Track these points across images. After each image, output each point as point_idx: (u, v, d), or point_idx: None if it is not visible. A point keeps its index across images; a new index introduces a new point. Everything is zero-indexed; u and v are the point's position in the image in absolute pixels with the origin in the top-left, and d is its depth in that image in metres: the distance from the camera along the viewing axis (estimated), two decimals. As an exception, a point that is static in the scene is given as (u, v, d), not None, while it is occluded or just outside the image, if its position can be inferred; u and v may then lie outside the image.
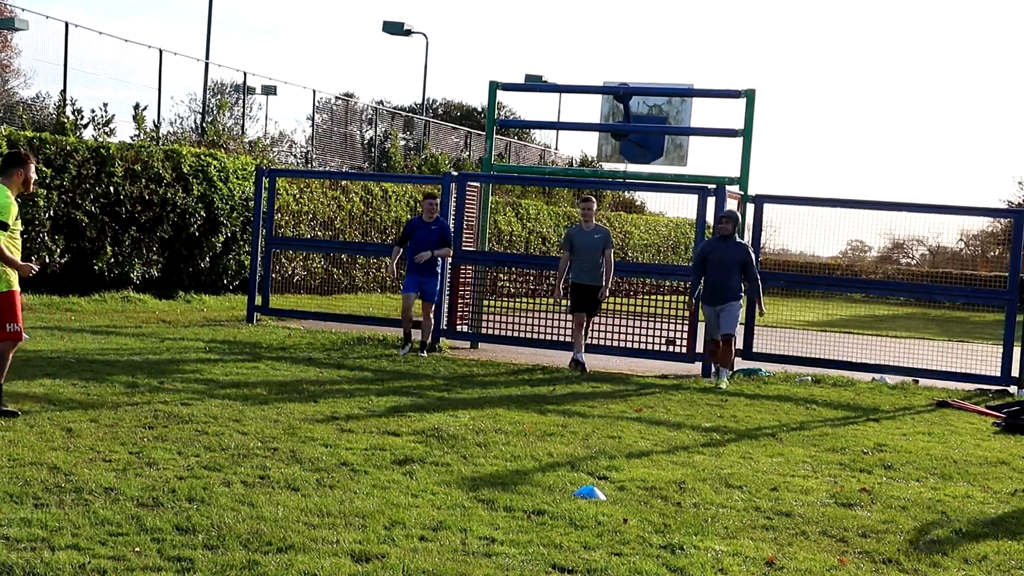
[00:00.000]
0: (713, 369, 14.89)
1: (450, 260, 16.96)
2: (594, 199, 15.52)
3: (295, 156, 38.64)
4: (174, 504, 6.52)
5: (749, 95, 16.88)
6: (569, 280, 15.28)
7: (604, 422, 10.71)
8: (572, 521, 6.80)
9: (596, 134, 18.99)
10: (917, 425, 11.81)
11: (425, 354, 15.58)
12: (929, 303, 30.74)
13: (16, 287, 9.09)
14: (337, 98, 41.73)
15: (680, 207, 49.86)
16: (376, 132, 39.68)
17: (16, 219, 9.03)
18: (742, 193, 16.78)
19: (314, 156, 35.93)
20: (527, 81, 49.53)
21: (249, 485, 7.13)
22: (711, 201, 15.96)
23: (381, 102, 55.66)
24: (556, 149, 52.18)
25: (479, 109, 63.09)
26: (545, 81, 51.29)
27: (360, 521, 6.46)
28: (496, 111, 18.45)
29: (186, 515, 6.30)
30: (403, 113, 43.65)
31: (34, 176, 9.26)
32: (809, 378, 15.41)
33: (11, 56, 53.86)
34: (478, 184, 17.83)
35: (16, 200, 9.10)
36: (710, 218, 15.89)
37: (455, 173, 17.54)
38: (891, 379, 15.80)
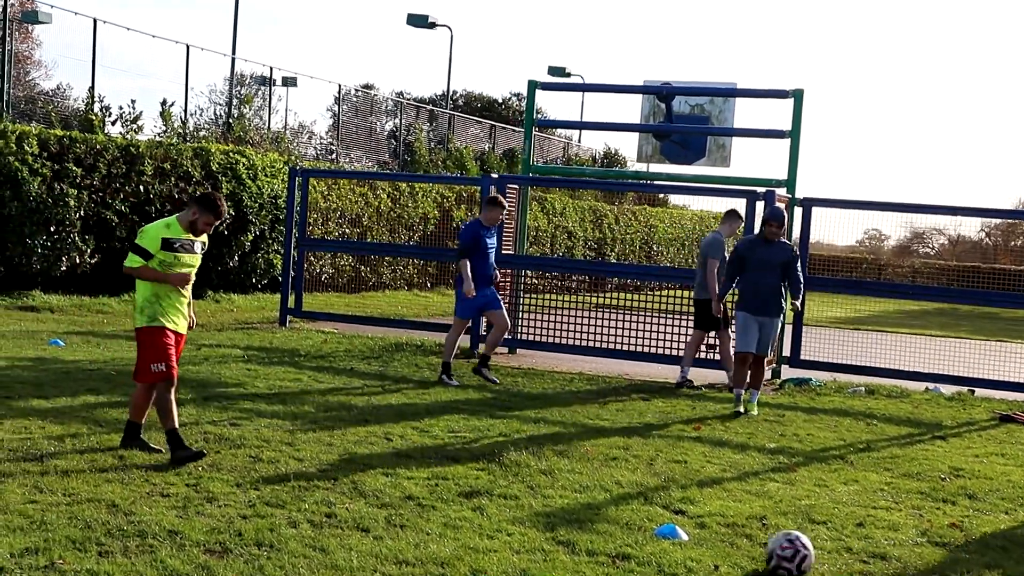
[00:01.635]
0: (735, 388, 12.72)
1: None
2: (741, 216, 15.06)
3: (315, 148, 38.30)
4: (243, 550, 6.15)
5: (797, 95, 16.44)
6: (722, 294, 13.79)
7: (665, 443, 10.32)
8: (661, 568, 6.42)
9: (633, 133, 18.57)
10: (987, 444, 11.39)
11: (485, 371, 13.84)
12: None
13: (165, 323, 8.36)
14: (357, 90, 41.39)
15: (707, 201, 49.37)
16: (400, 124, 39.24)
17: (174, 251, 8.36)
18: (790, 196, 16.36)
19: (335, 149, 35.59)
20: (550, 74, 49.14)
21: (316, 525, 6.76)
22: (759, 205, 15.54)
23: (401, 94, 55.23)
24: (579, 143, 51.75)
25: (500, 101, 62.69)
26: (568, 74, 50.85)
27: (440, 570, 6.09)
28: (522, 107, 18.01)
29: (257, 564, 5.94)
30: (426, 106, 43.24)
31: (208, 228, 8.51)
32: (862, 389, 14.99)
33: (32, 48, 53.71)
34: (517, 186, 17.43)
35: (185, 236, 8.39)
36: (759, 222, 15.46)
37: (495, 175, 17.13)
38: (945, 388, 15.39)
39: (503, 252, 16.74)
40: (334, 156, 35.16)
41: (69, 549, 5.96)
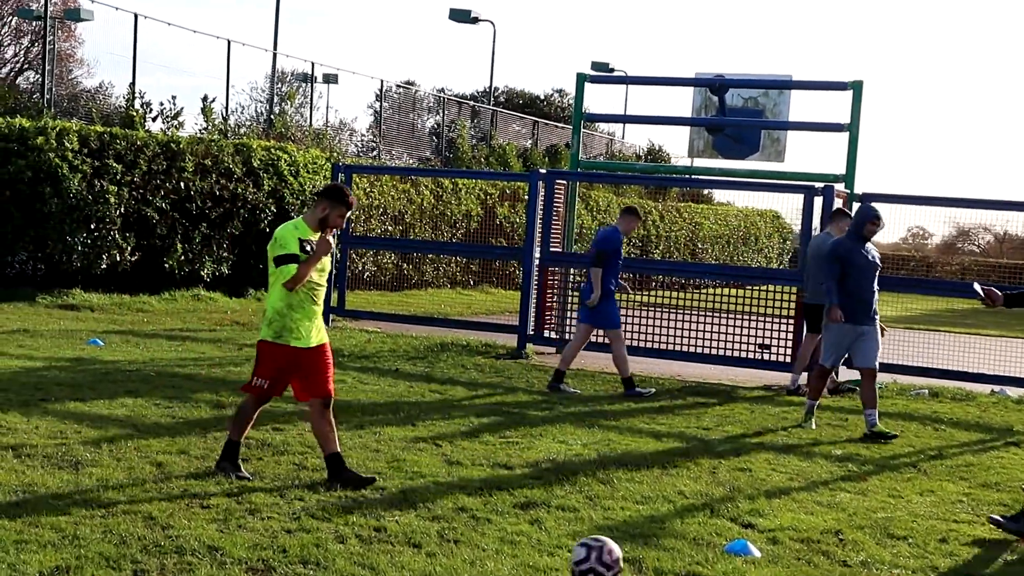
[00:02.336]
0: (810, 401, 11.68)
1: (537, 261, 16.15)
2: (849, 214, 13.38)
3: (357, 146, 38.00)
4: (287, 569, 5.74)
5: (856, 87, 15.89)
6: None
7: (726, 449, 9.84)
8: (736, 589, 5.96)
9: (687, 130, 18.05)
10: (1064, 452, 10.83)
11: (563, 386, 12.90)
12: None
13: (290, 342, 7.58)
14: (399, 86, 41.05)
15: (755, 198, 48.50)
16: (442, 120, 38.87)
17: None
18: (848, 192, 15.81)
19: (376, 145, 35.27)
20: (593, 71, 48.57)
21: (365, 540, 6.33)
22: (818, 201, 15.00)
23: (443, 90, 54.88)
24: (622, 139, 51.20)
25: (543, 97, 62.17)
26: (611, 70, 50.25)
27: (499, 591, 5.66)
28: (563, 101, 17.55)
29: (303, 584, 5.53)
30: (469, 102, 42.86)
31: (340, 222, 7.74)
32: (925, 391, 14.43)
33: (74, 46, 53.79)
34: (565, 182, 16.97)
35: (313, 237, 7.60)
36: (816, 219, 14.94)
37: (543, 171, 16.69)
38: (1012, 391, 14.80)
39: (551, 250, 16.31)
40: (375, 153, 34.83)
41: (102, 567, 5.57)
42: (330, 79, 39.26)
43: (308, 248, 7.55)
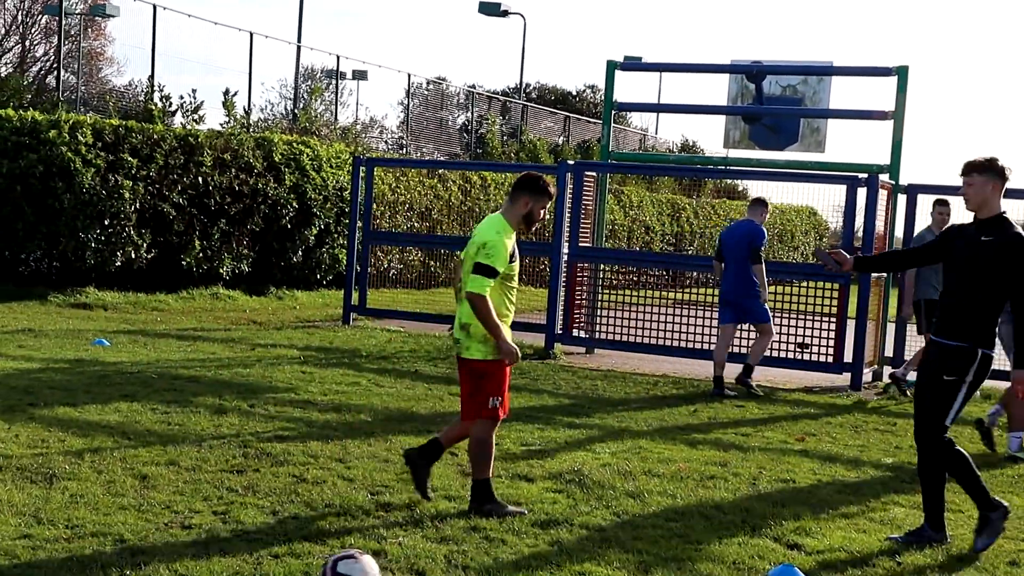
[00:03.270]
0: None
1: (565, 257, 15.42)
2: (950, 203, 13.04)
3: (386, 143, 37.37)
4: (268, 603, 5.04)
5: (901, 72, 15.05)
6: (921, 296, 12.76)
7: (767, 457, 9.07)
8: (783, 626, 5.20)
9: (722, 121, 17.24)
10: None
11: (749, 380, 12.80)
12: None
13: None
14: (429, 82, 40.40)
15: (791, 194, 47.19)
16: (471, 117, 38.17)
17: (511, 262, 6.86)
18: (893, 183, 14.98)
19: (407, 142, 34.62)
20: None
21: (362, 566, 5.62)
22: (862, 192, 14.19)
23: (474, 86, 54.25)
24: (656, 134, 50.34)
25: (574, 93, 61.28)
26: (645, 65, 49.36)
27: (510, 630, 4.93)
28: (594, 93, 16.76)
29: (284, 622, 4.82)
30: (499, 97, 42.13)
31: (541, 214, 7.05)
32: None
33: (104, 44, 53.48)
34: (594, 174, 16.21)
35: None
36: (860, 211, 14.15)
37: (571, 162, 15.95)
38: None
39: (579, 245, 15.57)
40: (404, 150, 34.19)
41: (55, 601, 4.89)
42: (359, 75, 38.70)
43: (515, 254, 6.88)
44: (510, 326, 6.96)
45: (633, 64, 16.73)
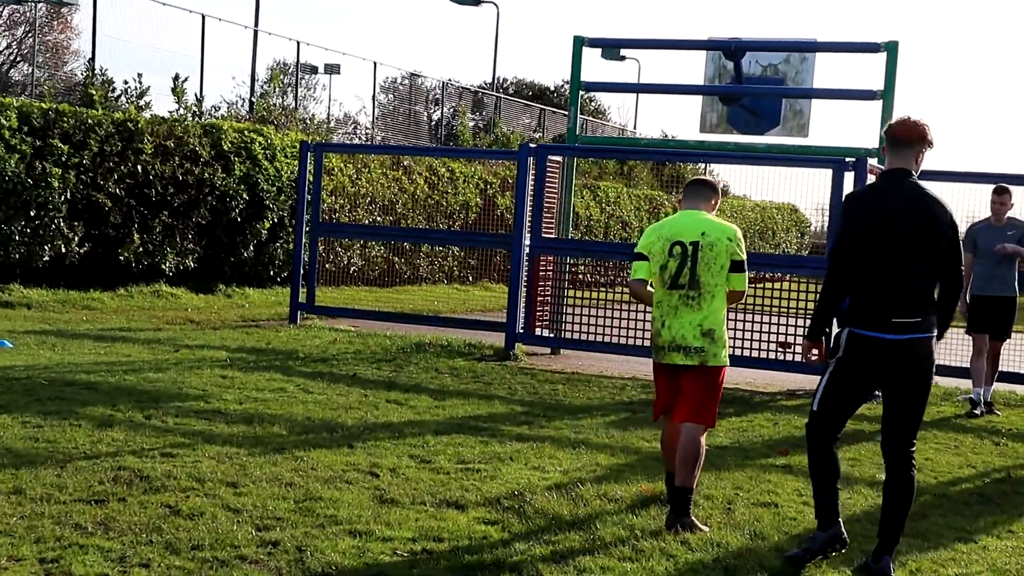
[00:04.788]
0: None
1: (527, 250, 14.12)
2: (1010, 191, 11.82)
3: (360, 138, 36.02)
4: None
5: (891, 48, 13.80)
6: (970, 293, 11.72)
7: (744, 476, 7.78)
8: None
9: (697, 104, 15.95)
10: None
11: None
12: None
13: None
14: (404, 76, 39.10)
15: (769, 190, 45.63)
16: (442, 109, 36.86)
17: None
18: (882, 167, 13.70)
19: (374, 136, 33.26)
20: (604, 58, 46.41)
21: (212, 636, 4.31)
22: (848, 177, 12.93)
23: (449, 80, 52.90)
24: (635, 129, 49.13)
25: (552, 88, 59.97)
26: (623, 58, 48.18)
27: None
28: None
29: None
30: (470, 89, 40.82)
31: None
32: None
33: (70, 37, 52.08)
34: (560, 159, 14.90)
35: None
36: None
37: (533, 145, 14.64)
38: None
39: (543, 236, 14.27)
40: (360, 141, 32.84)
41: None
42: (332, 69, 37.31)
43: None
44: None
45: (602, 40, 15.42)
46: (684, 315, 6.53)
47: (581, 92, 15.35)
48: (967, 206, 14.43)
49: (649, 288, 6.76)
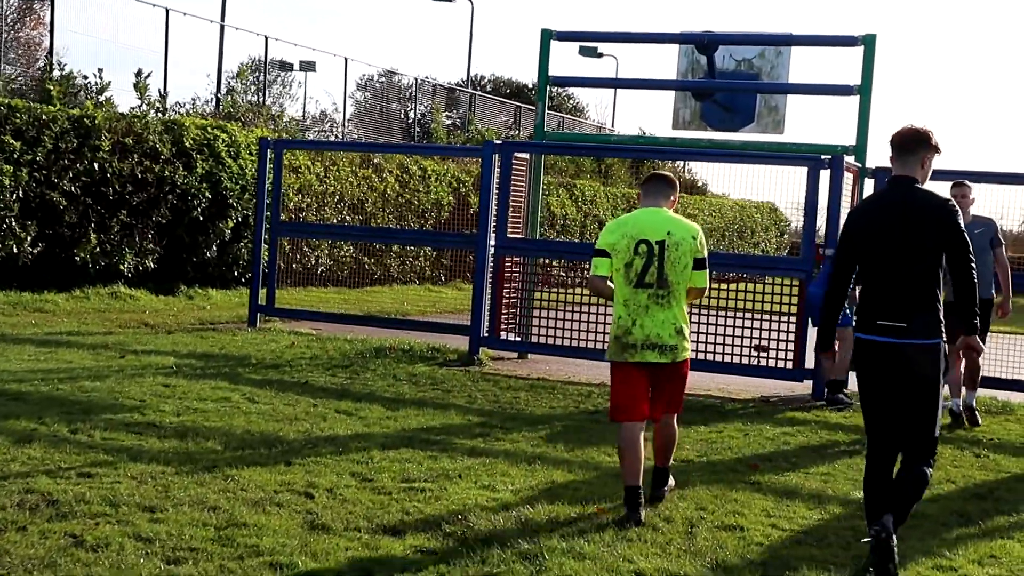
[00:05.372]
0: None
1: (492, 250, 13.60)
2: (970, 185, 11.20)
3: (337, 136, 35.43)
4: None
5: (868, 41, 13.34)
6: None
7: (710, 494, 7.28)
8: None
9: (671, 101, 15.44)
10: None
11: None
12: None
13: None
14: (380, 74, 38.55)
15: (748, 188, 45.16)
16: (415, 109, 36.27)
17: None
18: (859, 166, 13.26)
19: (353, 134, 32.67)
20: (581, 55, 45.94)
21: None
22: (824, 175, 12.46)
23: (427, 78, 52.36)
24: (613, 127, 48.66)
25: (530, 86, 59.47)
26: (600, 55, 47.73)
27: None
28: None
29: None
30: (444, 86, 40.26)
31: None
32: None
33: (43, 34, 51.34)
34: (527, 156, 14.38)
35: None
36: (823, 196, 12.43)
37: (498, 142, 14.11)
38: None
39: (509, 236, 13.75)
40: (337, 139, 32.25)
41: None
42: (308, 66, 36.70)
43: None
44: None
45: (570, 33, 14.89)
46: (657, 314, 6.62)
47: (550, 87, 14.84)
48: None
49: (609, 283, 6.76)
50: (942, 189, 12.49)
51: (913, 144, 5.94)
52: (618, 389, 6.77)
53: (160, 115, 21.33)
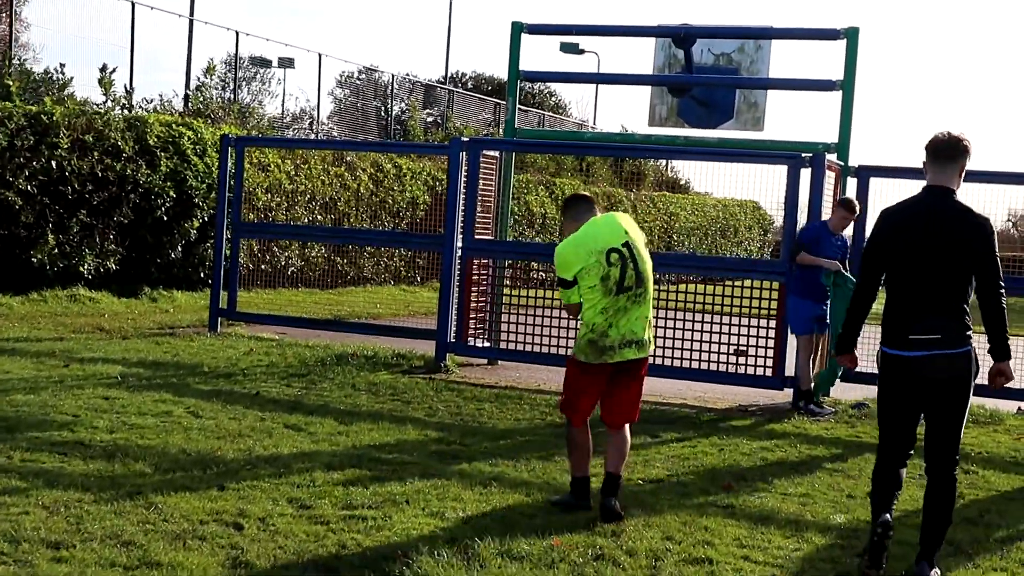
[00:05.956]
0: None
1: (459, 252, 13.05)
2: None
3: (316, 133, 34.81)
4: None
5: (851, 34, 12.81)
6: None
7: (678, 520, 6.71)
8: None
9: (647, 97, 14.87)
10: None
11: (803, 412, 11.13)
12: None
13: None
14: (360, 71, 37.91)
15: (731, 187, 44.46)
16: (390, 106, 35.67)
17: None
18: (841, 164, 12.74)
19: (327, 131, 32.07)
20: (562, 51, 45.30)
21: None
22: (805, 174, 11.93)
23: (408, 75, 51.78)
24: (594, 125, 48.09)
25: (511, 83, 58.87)
26: (582, 51, 47.10)
27: None
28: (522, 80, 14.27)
29: None
30: (423, 82, 39.67)
31: None
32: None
33: (19, 30, 50.57)
34: (496, 154, 13.81)
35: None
36: (804, 195, 11.90)
37: (466, 139, 13.53)
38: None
39: (477, 237, 13.17)
40: (315, 137, 31.63)
41: None
42: (286, 63, 36.06)
43: None
44: None
45: (541, 27, 14.30)
46: (633, 312, 6.63)
47: (522, 82, 14.29)
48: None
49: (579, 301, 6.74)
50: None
51: (952, 152, 5.74)
52: (578, 389, 6.80)
53: (126, 112, 20.70)
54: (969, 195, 12.69)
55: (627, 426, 6.90)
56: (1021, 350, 12.21)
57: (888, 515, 5.81)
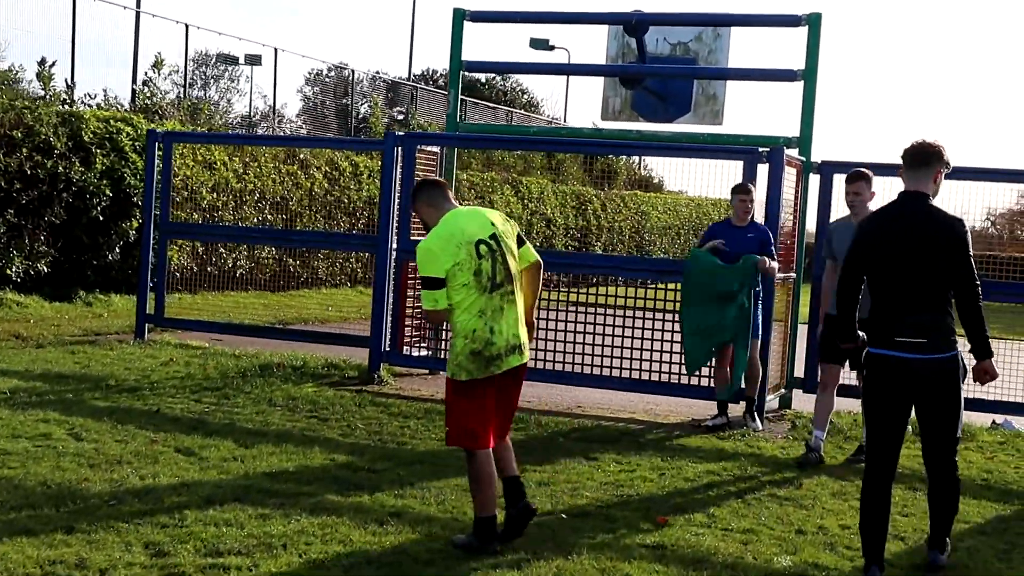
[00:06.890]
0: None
1: (394, 254, 12.15)
2: (870, 177, 9.62)
3: (284, 131, 33.88)
4: None
5: (813, 21, 11.99)
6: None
7: (596, 567, 5.84)
8: None
9: (600, 89, 14.03)
10: None
11: (757, 422, 10.32)
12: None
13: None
14: (330, 69, 37.04)
15: (704, 184, 43.31)
16: (352, 104, 34.78)
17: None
18: (803, 160, 11.90)
19: (300, 129, 31.19)
20: (532, 47, 44.44)
21: None
22: (763, 170, 11.08)
23: (377, 73, 50.81)
24: (564, 122, 47.24)
25: (483, 81, 57.99)
26: (552, 47, 46.24)
27: None
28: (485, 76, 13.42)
29: None
30: (389, 80, 38.79)
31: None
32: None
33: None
34: (436, 150, 12.92)
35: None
36: (761, 191, 11.04)
37: (401, 134, 12.63)
38: (1019, 422, 11.00)
39: (411, 239, 12.28)
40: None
41: None
42: (253, 60, 35.14)
43: None
44: None
45: (485, 14, 13.39)
46: (509, 313, 6.08)
47: (465, 73, 13.42)
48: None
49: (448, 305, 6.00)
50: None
51: (925, 158, 5.93)
52: (472, 413, 5.99)
53: (67, 107, 19.75)
54: (948, 192, 12.01)
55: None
56: (1002, 355, 11.24)
57: (877, 568, 5.76)
